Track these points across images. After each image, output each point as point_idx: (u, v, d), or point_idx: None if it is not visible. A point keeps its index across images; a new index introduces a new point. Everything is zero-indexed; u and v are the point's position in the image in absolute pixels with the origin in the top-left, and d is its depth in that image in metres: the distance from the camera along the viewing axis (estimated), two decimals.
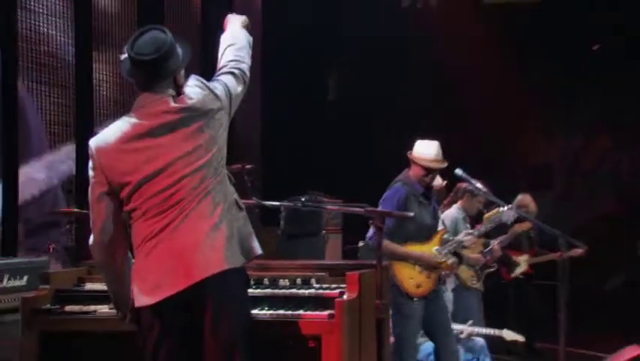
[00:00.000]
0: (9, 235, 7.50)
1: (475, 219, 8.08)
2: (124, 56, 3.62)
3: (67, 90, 8.95)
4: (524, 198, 9.07)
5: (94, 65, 9.22)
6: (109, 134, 3.62)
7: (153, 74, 3.58)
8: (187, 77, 3.71)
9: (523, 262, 9.24)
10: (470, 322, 6.93)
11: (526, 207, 8.77)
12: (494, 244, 7.99)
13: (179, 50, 3.66)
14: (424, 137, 6.39)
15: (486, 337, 7.20)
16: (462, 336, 6.73)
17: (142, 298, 3.57)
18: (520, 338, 7.09)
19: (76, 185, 8.40)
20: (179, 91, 3.63)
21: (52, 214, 7.34)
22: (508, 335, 7.02)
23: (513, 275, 9.26)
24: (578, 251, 9.01)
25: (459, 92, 12.08)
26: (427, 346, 6.54)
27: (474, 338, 6.85)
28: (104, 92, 9.48)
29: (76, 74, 8.99)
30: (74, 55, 8.98)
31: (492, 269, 8.11)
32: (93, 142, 3.63)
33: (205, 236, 3.53)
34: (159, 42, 3.58)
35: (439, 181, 8.40)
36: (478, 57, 12.07)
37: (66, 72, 8.95)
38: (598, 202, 13.03)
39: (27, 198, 8.00)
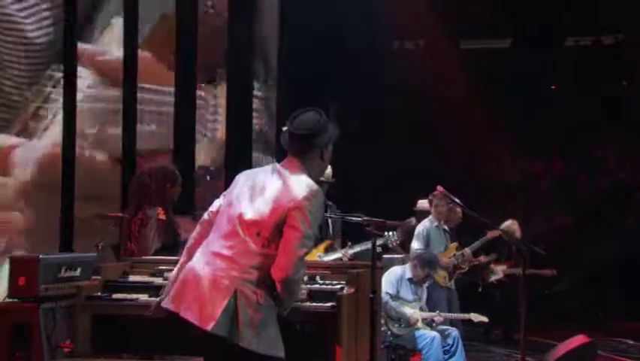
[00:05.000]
0: (65, 235, 7.49)
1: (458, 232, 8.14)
2: (285, 128, 3.68)
3: None
4: (512, 224, 9.04)
5: None
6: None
7: (303, 147, 3.61)
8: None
9: (500, 271, 9.26)
10: (438, 311, 6.91)
11: (513, 233, 8.78)
12: (466, 250, 8.02)
13: (330, 130, 3.66)
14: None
15: (456, 319, 7.21)
16: (436, 320, 6.71)
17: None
18: (484, 319, 7.05)
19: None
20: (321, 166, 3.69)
21: (99, 217, 7.22)
22: (475, 316, 6.99)
23: (490, 280, 9.31)
24: (549, 272, 9.10)
25: (439, 121, 12.11)
26: (417, 333, 6.54)
27: (449, 328, 6.83)
28: None
29: None
30: None
31: (463, 270, 8.11)
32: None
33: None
34: (313, 121, 3.62)
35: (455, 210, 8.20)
36: (456, 92, 12.11)
37: None
38: (553, 216, 13.07)
39: None
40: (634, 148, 12.82)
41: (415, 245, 7.72)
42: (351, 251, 6.23)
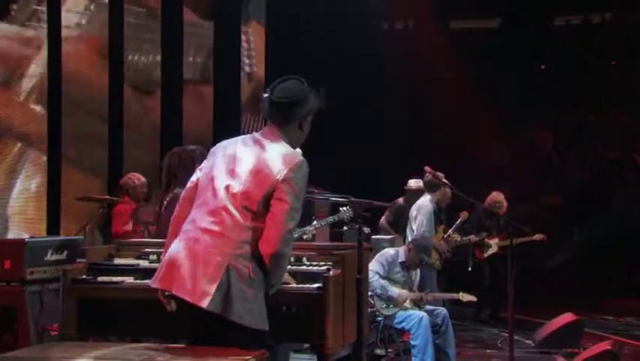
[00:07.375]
0: (52, 219, 7.48)
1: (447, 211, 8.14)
2: (265, 95, 3.61)
3: None
4: (497, 195, 9.16)
5: None
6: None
7: (284, 115, 3.55)
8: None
9: (494, 245, 9.25)
10: (428, 290, 6.90)
11: (500, 203, 8.96)
12: (449, 232, 8.04)
13: (311, 100, 3.60)
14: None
15: (445, 299, 7.22)
16: (425, 299, 6.70)
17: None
18: (473, 298, 7.04)
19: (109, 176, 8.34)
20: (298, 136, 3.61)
21: (84, 200, 7.15)
22: (464, 296, 6.98)
23: (486, 255, 9.29)
24: (540, 236, 9.08)
25: (428, 101, 12.07)
26: (406, 313, 6.53)
27: (438, 307, 6.81)
28: None
29: None
30: None
31: (449, 252, 8.13)
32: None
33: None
34: (295, 90, 3.57)
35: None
36: (445, 72, 12.07)
37: None
38: (540, 195, 13.09)
39: None
40: (623, 127, 12.83)
41: (425, 225, 7.69)
42: (310, 227, 6.22)
